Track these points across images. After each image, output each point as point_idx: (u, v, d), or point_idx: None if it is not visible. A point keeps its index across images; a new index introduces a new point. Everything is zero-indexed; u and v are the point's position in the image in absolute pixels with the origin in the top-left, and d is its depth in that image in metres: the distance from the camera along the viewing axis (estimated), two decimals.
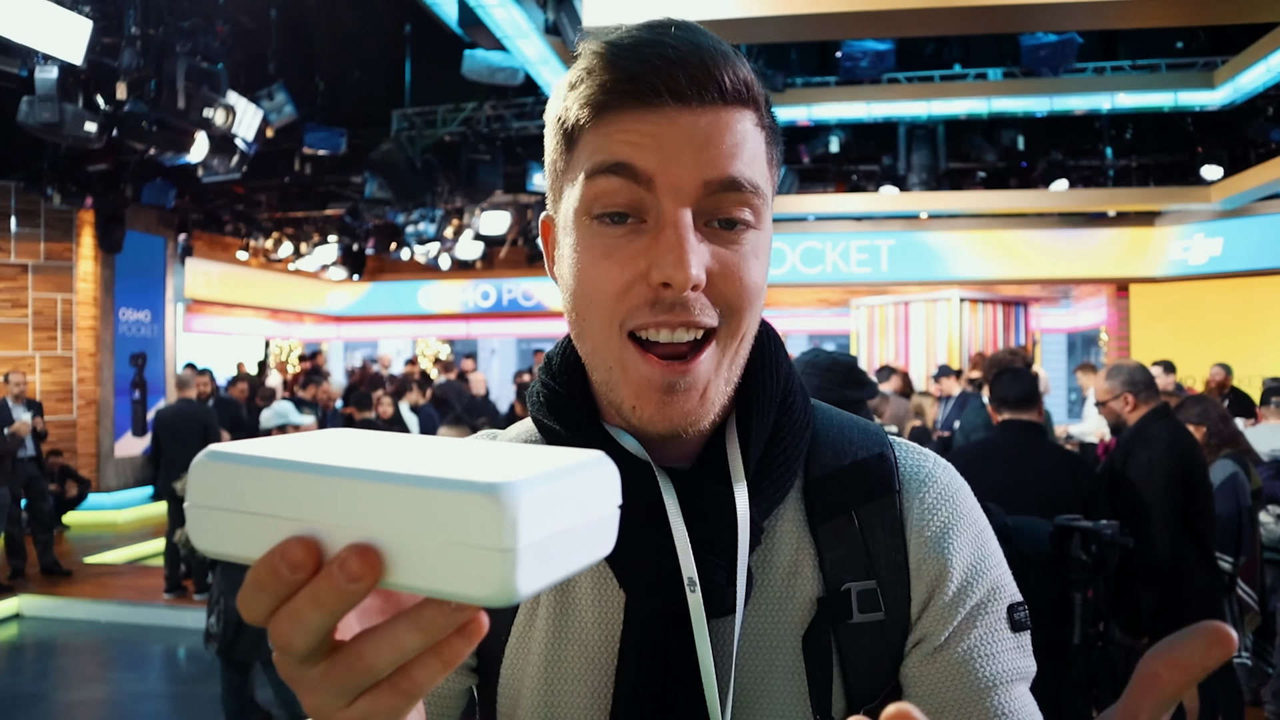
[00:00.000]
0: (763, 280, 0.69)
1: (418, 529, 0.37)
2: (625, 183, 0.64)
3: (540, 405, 0.77)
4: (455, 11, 6.42)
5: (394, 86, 11.15)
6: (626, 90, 0.64)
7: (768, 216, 0.69)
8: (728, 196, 0.65)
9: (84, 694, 5.78)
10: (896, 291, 13.12)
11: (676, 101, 0.64)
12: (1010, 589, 0.74)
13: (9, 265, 10.45)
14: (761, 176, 0.67)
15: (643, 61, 0.64)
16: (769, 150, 0.70)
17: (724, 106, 0.65)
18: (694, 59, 0.64)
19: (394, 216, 12.45)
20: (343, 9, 10.78)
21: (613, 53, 0.65)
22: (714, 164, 0.64)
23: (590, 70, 0.66)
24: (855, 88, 9.83)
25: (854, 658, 0.71)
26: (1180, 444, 3.36)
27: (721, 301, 0.66)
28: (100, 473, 10.83)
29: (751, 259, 0.67)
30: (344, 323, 18.65)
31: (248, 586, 0.40)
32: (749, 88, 0.66)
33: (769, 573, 0.73)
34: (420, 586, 0.38)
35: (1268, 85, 8.70)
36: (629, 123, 0.64)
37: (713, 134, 0.64)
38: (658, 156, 0.64)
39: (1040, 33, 8.01)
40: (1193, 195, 11.36)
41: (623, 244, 0.65)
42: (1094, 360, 13.51)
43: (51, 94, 6.62)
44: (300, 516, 0.39)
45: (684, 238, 0.63)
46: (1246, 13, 6.23)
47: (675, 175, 0.64)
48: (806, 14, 5.85)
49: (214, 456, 0.41)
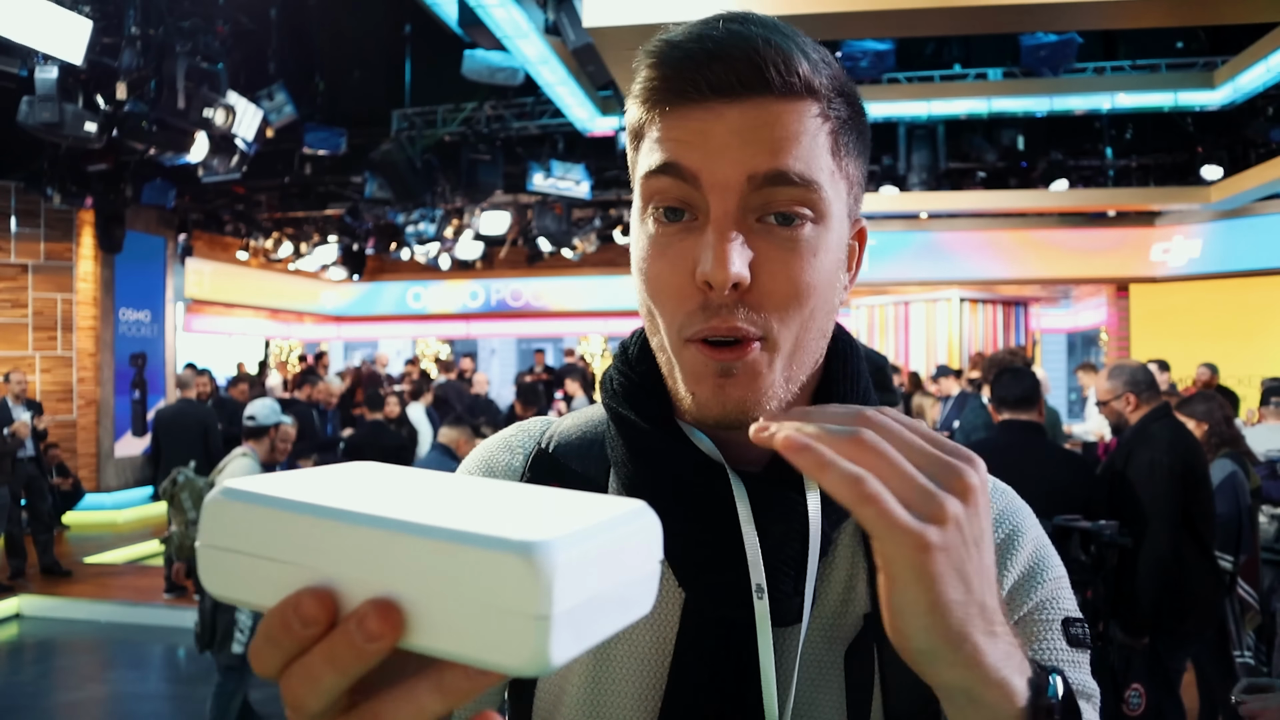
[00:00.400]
0: (821, 280, 0.66)
1: (443, 587, 0.34)
2: (674, 181, 0.64)
3: (616, 394, 0.75)
4: (455, 11, 6.43)
5: (394, 86, 11.15)
6: (672, 89, 0.64)
7: (834, 212, 0.67)
8: (779, 192, 0.63)
9: (84, 694, 5.78)
10: (896, 291, 13.13)
11: (720, 96, 0.63)
12: (1068, 603, 0.72)
13: (9, 265, 10.45)
14: (821, 170, 0.65)
15: (687, 57, 0.63)
16: (835, 142, 0.66)
17: (774, 99, 0.63)
18: (737, 52, 0.62)
19: (394, 216, 12.45)
20: (343, 9, 10.78)
21: (661, 50, 0.65)
22: (758, 158, 0.62)
23: (642, 71, 0.66)
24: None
25: (895, 678, 0.69)
26: (1181, 444, 3.36)
27: (768, 303, 0.64)
28: (100, 473, 10.83)
29: (808, 256, 0.64)
30: (344, 323, 18.65)
31: (259, 638, 0.37)
32: (803, 79, 0.64)
33: (828, 585, 0.71)
34: (443, 650, 0.35)
35: (1268, 85, 8.69)
36: (677, 120, 0.64)
37: (760, 127, 0.63)
38: (702, 153, 0.63)
39: (1040, 33, 8.01)
40: (1193, 195, 11.36)
41: (674, 241, 0.65)
42: (1094, 360, 13.51)
43: (51, 94, 6.62)
44: (316, 565, 0.36)
45: (724, 234, 0.62)
46: (1246, 13, 6.22)
47: (720, 171, 0.63)
48: (806, 14, 5.85)
49: (229, 495, 0.39)
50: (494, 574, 0.33)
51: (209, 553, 0.39)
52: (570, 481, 0.77)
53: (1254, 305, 11.85)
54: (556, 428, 0.83)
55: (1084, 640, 0.70)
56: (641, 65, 0.66)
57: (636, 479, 0.72)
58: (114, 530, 10.15)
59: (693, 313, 0.64)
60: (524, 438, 0.84)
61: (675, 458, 0.70)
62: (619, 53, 6.01)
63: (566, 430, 0.82)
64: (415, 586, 0.35)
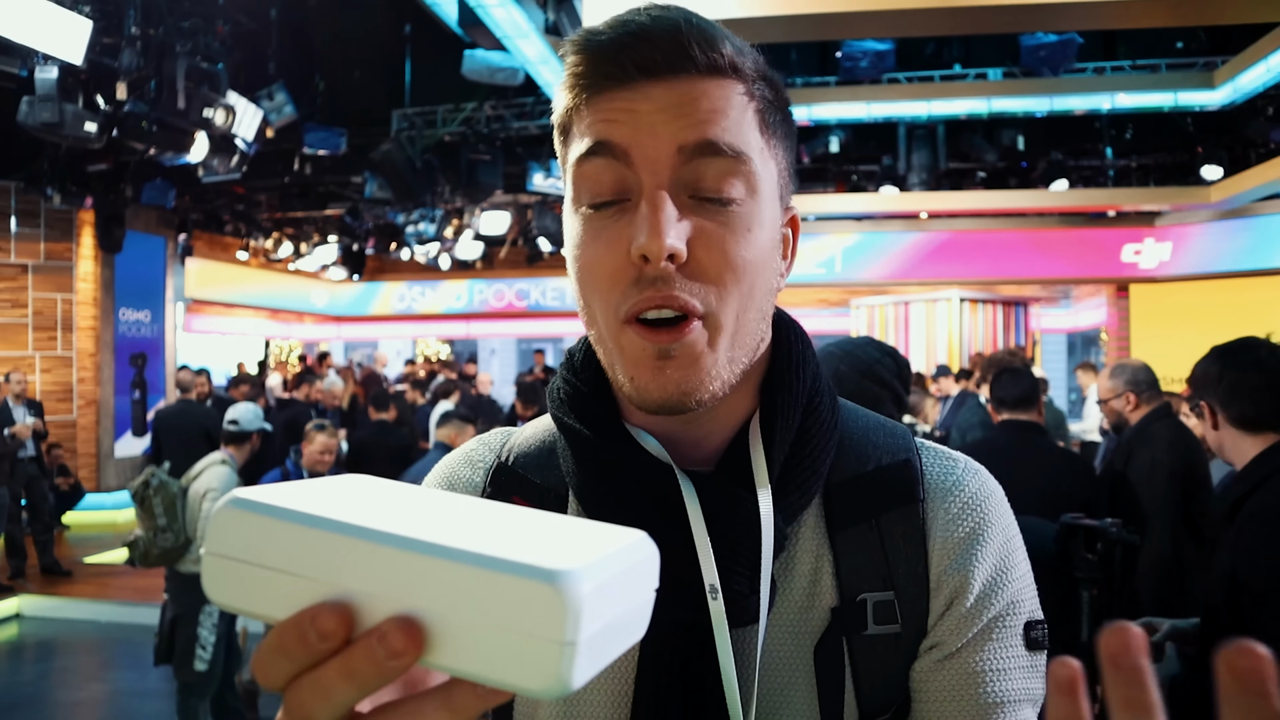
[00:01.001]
0: (756, 257, 0.66)
1: (466, 609, 0.34)
2: (607, 162, 0.64)
3: (561, 403, 0.75)
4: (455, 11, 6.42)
5: (394, 86, 11.15)
6: (600, 72, 0.65)
7: (765, 190, 0.67)
8: (709, 164, 0.64)
9: (84, 694, 5.78)
10: (896, 291, 13.13)
11: (647, 76, 0.64)
12: (1031, 605, 0.71)
13: (9, 265, 10.45)
14: (750, 144, 0.65)
15: (612, 42, 0.64)
16: (762, 120, 0.67)
17: (700, 77, 0.64)
18: (660, 33, 0.63)
19: (394, 216, 12.45)
20: (343, 9, 10.78)
21: (585, 39, 0.66)
22: (687, 129, 0.63)
23: (568, 62, 0.67)
24: (855, 88, 9.83)
25: (867, 670, 0.68)
26: (1182, 443, 3.36)
27: (704, 276, 0.64)
28: (100, 473, 10.83)
29: (741, 232, 0.65)
30: (344, 323, 18.65)
31: (268, 650, 0.37)
32: (727, 58, 0.65)
33: (791, 580, 0.70)
34: (464, 670, 0.35)
35: (1268, 85, 8.69)
36: (605, 103, 0.65)
37: (687, 101, 0.63)
38: (632, 129, 0.64)
39: (1040, 33, 8.01)
40: (1193, 195, 11.37)
41: (609, 224, 0.65)
42: (1094, 360, 13.51)
43: (51, 94, 6.62)
44: (332, 580, 0.36)
45: (659, 207, 0.62)
46: (1246, 13, 6.22)
47: (650, 145, 0.63)
48: (806, 14, 5.85)
49: (239, 505, 0.38)
50: (521, 600, 0.34)
51: (216, 561, 0.38)
52: (531, 493, 0.76)
53: (1255, 305, 11.86)
54: (515, 439, 0.82)
55: (1042, 642, 0.70)
56: (567, 55, 0.67)
57: (586, 486, 0.71)
58: (114, 530, 10.14)
59: (627, 289, 0.64)
60: (484, 451, 0.82)
61: (623, 462, 0.69)
62: None
63: (525, 442, 0.81)
64: (437, 606, 0.35)
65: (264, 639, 0.38)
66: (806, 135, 11.46)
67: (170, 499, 4.51)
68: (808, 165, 12.09)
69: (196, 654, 4.03)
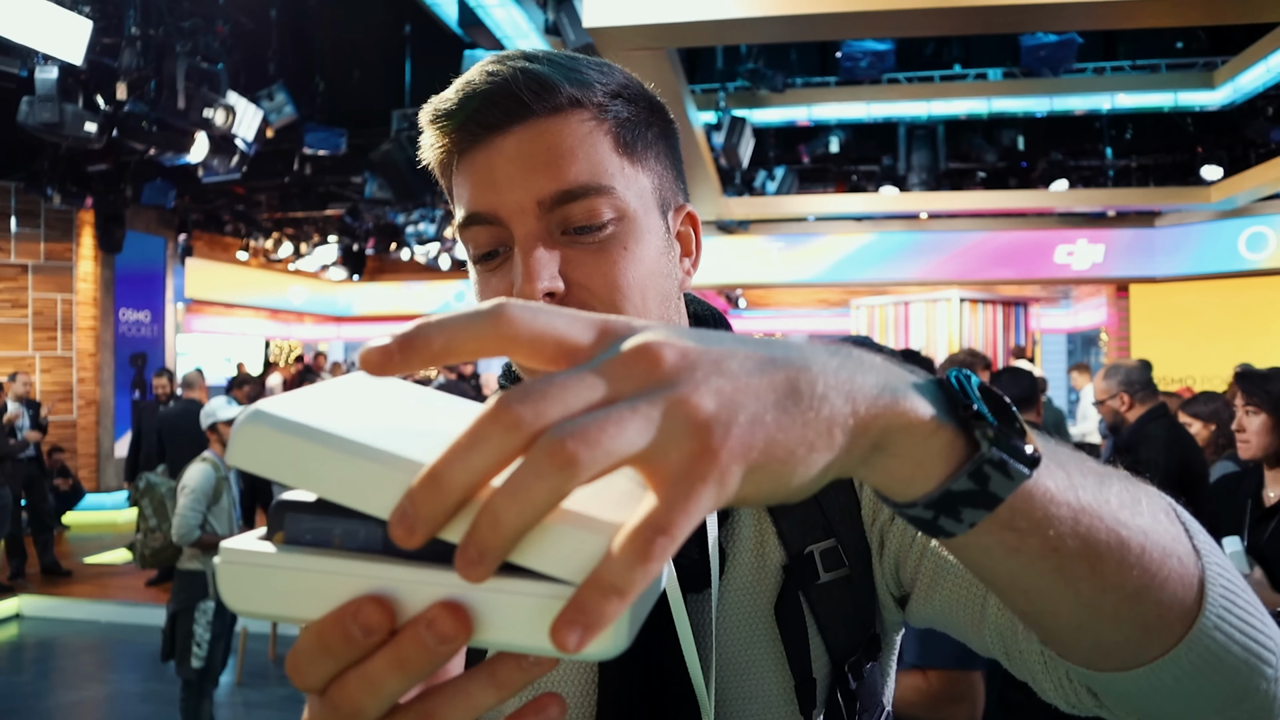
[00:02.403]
0: (643, 269, 0.68)
1: (512, 590, 0.34)
2: (482, 228, 0.68)
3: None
4: (455, 11, 6.43)
5: (394, 86, 11.14)
6: (454, 141, 0.69)
7: (637, 205, 0.69)
8: (572, 208, 0.67)
9: (84, 694, 5.78)
10: (896, 291, 13.11)
11: (490, 131, 0.67)
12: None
13: (9, 265, 10.46)
14: (606, 172, 0.67)
15: (457, 109, 0.68)
16: (617, 141, 0.69)
17: (540, 119, 0.67)
18: (495, 89, 0.67)
19: (394, 216, 12.45)
20: (343, 9, 10.78)
21: (435, 113, 0.70)
22: (542, 182, 0.66)
23: (427, 139, 0.72)
24: (855, 88, 9.84)
25: (828, 616, 0.72)
26: (1177, 443, 3.36)
27: (593, 302, 0.67)
28: (100, 473, 10.84)
29: (618, 252, 0.67)
30: (344, 323, 18.65)
31: (306, 651, 0.36)
32: (565, 94, 0.67)
33: (737, 546, 0.74)
34: (512, 644, 0.35)
35: (1268, 85, 8.70)
36: (467, 166, 0.69)
37: (536, 150, 0.66)
38: (492, 191, 0.67)
39: (1040, 33, 8.01)
40: (1193, 195, 11.37)
41: (493, 277, 0.69)
42: (1094, 361, 13.51)
43: (51, 94, 6.62)
44: (366, 575, 0.35)
45: (528, 253, 0.65)
46: (1246, 13, 6.22)
47: (511, 202, 0.67)
48: (806, 14, 5.85)
49: (259, 419, 0.36)
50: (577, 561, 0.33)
51: (232, 570, 0.37)
52: None
53: (1255, 305, 11.86)
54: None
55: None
56: (425, 132, 0.71)
57: None
58: (114, 530, 10.15)
59: None
60: None
61: None
62: (619, 53, 6.01)
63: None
64: (479, 590, 0.34)
65: (298, 641, 0.36)
66: (806, 135, 11.47)
67: (159, 500, 4.57)
68: (808, 165, 12.09)
69: (193, 651, 4.03)
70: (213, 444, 4.39)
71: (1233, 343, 11.36)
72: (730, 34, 6.59)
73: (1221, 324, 11.98)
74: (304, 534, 0.37)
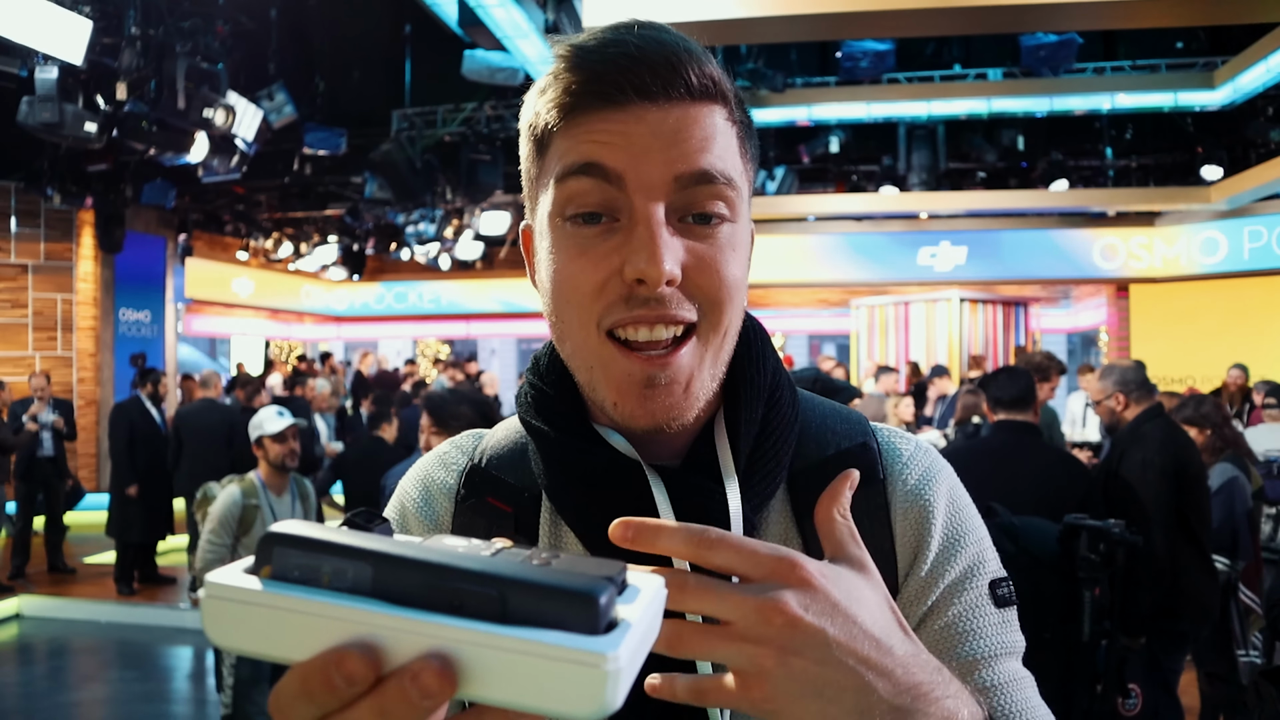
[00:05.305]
0: (742, 274, 0.69)
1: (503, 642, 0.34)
2: (596, 183, 0.65)
3: (528, 406, 0.76)
4: (455, 11, 6.43)
5: (394, 86, 11.15)
6: (592, 91, 0.65)
7: (744, 210, 0.69)
8: (700, 190, 0.65)
9: (84, 694, 5.79)
10: (896, 291, 13.12)
11: (642, 99, 0.64)
12: (993, 565, 0.73)
13: (9, 265, 10.46)
14: (735, 169, 0.67)
15: (607, 61, 0.64)
16: (742, 145, 0.70)
17: (692, 102, 0.65)
18: (658, 56, 0.64)
19: (394, 216, 12.46)
20: (343, 9, 10.79)
21: (578, 55, 0.66)
22: (684, 158, 0.64)
23: (556, 75, 0.67)
24: (855, 88, 9.84)
25: None
26: (1174, 443, 3.36)
27: (700, 296, 0.66)
28: (100, 473, 10.83)
29: (729, 252, 0.67)
30: (344, 323, 18.65)
31: (289, 694, 0.36)
32: (716, 83, 0.67)
33: None
34: (503, 700, 0.35)
35: (1268, 85, 8.70)
36: (597, 123, 0.65)
37: (681, 129, 0.64)
38: (627, 154, 0.64)
39: (1040, 33, 8.01)
40: (1193, 195, 11.37)
41: (596, 242, 0.65)
42: (1093, 361, 13.51)
43: (51, 94, 6.62)
44: (355, 620, 0.35)
45: (656, 233, 0.63)
46: (1246, 13, 6.23)
47: (645, 171, 0.64)
48: (806, 14, 5.85)
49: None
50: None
51: (216, 604, 0.36)
52: (505, 494, 0.77)
53: (1255, 305, 11.86)
54: (487, 441, 0.83)
55: (1010, 599, 0.72)
56: (557, 70, 0.67)
57: (556, 486, 0.73)
58: None
59: (613, 305, 0.65)
60: (457, 454, 0.84)
61: (592, 460, 0.70)
62: None
63: (497, 444, 0.82)
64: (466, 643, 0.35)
65: (281, 681, 0.36)
66: (806, 135, 11.46)
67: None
68: (808, 165, 12.09)
69: (224, 689, 3.71)
70: (259, 459, 3.98)
71: (1233, 343, 11.36)
72: (730, 34, 6.59)
73: (1221, 324, 11.98)
74: (291, 570, 0.36)
